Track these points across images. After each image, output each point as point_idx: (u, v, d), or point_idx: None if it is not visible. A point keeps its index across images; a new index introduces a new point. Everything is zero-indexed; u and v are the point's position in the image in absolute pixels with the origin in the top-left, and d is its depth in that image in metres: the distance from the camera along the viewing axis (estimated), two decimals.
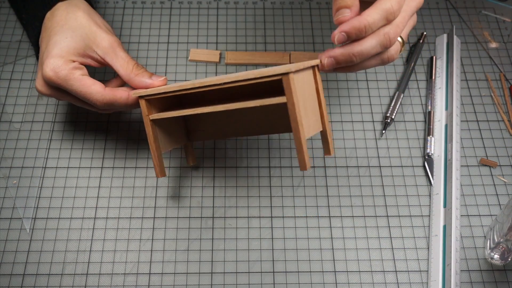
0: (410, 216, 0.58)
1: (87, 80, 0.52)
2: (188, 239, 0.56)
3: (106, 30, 0.56)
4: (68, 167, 0.60)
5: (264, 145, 0.62)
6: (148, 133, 0.52)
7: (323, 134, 0.50)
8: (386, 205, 0.58)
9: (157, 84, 0.53)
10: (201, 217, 0.57)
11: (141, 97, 0.52)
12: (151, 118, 0.52)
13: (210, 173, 0.60)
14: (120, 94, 0.53)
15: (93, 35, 0.54)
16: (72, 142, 0.61)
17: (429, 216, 0.58)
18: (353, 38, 0.47)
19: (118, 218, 0.57)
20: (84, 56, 0.54)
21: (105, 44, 0.54)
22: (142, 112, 0.52)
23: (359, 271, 0.54)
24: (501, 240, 0.52)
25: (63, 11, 0.56)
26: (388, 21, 0.47)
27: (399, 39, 0.50)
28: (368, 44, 0.47)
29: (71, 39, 0.53)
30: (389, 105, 0.64)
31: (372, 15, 0.46)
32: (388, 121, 0.63)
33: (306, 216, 0.57)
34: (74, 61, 0.53)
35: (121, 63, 0.54)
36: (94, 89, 0.52)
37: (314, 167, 0.60)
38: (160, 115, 0.52)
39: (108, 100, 0.52)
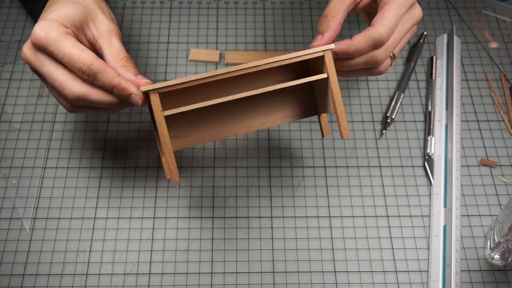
0: (410, 216, 0.58)
1: (79, 44, 0.49)
2: (188, 239, 0.56)
3: (109, 17, 0.54)
4: (68, 167, 0.60)
5: (264, 145, 0.62)
6: (161, 132, 0.47)
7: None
8: (386, 205, 0.58)
9: (141, 84, 0.50)
10: (201, 217, 0.57)
11: (152, 91, 0.46)
12: (165, 114, 0.47)
13: (210, 173, 0.60)
14: (110, 69, 0.48)
15: (94, 15, 0.52)
16: (72, 142, 0.61)
17: (429, 216, 0.58)
18: (340, 57, 0.50)
19: (118, 218, 0.57)
20: (79, 29, 0.52)
21: (103, 28, 0.52)
22: (154, 108, 0.46)
23: (359, 271, 0.54)
24: (502, 240, 0.52)
25: None
26: (376, 47, 0.50)
27: (394, 52, 0.52)
28: (354, 62, 0.51)
29: (70, 9, 0.51)
30: (389, 105, 0.64)
31: (360, 42, 0.49)
32: (388, 121, 0.63)
33: (306, 216, 0.57)
34: (67, 28, 0.50)
35: (112, 49, 0.52)
36: (85, 52, 0.48)
37: (314, 167, 0.60)
38: (177, 110, 0.47)
39: (96, 68, 0.48)
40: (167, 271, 0.54)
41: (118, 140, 0.62)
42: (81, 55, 0.48)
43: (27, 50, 0.50)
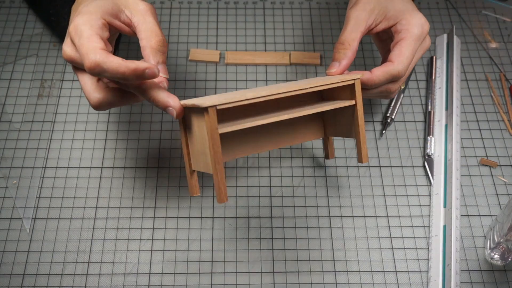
0: (410, 216, 0.58)
1: (95, 37, 0.46)
2: (188, 239, 0.56)
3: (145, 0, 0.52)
4: (68, 167, 0.60)
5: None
6: (215, 151, 0.44)
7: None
8: (386, 205, 0.58)
9: (158, 75, 0.47)
10: (201, 217, 0.57)
11: (211, 107, 0.43)
12: (221, 132, 0.44)
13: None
14: (113, 58, 0.45)
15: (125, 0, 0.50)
16: (72, 142, 0.61)
17: (429, 216, 0.58)
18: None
19: (118, 218, 0.57)
20: (113, 16, 0.49)
21: (138, 7, 0.50)
22: (209, 125, 0.43)
23: (359, 271, 0.54)
24: (501, 240, 0.52)
25: None
26: (392, 82, 0.53)
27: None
28: (371, 92, 0.53)
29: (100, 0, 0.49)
30: (389, 105, 0.64)
31: (379, 77, 0.51)
32: (388, 121, 0.63)
33: (306, 216, 0.57)
34: (103, 20, 0.48)
35: (146, 27, 0.49)
36: (93, 44, 0.46)
37: (314, 167, 0.60)
38: (233, 127, 0.45)
39: (99, 59, 0.44)
40: (167, 271, 0.54)
41: (118, 141, 0.62)
42: (89, 48, 0.45)
43: (67, 47, 0.48)
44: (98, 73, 0.45)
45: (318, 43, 0.70)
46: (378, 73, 0.51)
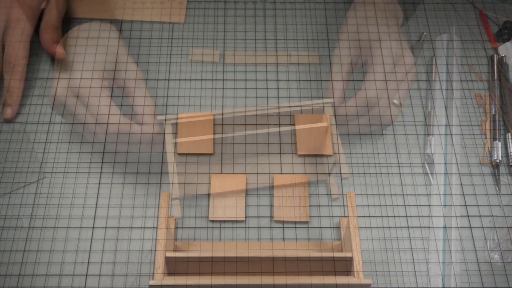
0: (410, 216, 0.57)
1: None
2: (188, 238, 0.56)
3: (135, 62, 0.58)
4: (67, 162, 0.60)
5: (264, 140, 0.62)
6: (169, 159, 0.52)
7: None
8: (386, 205, 0.58)
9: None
10: (201, 217, 0.57)
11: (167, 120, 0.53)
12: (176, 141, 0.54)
13: (209, 170, 0.60)
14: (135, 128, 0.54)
15: (123, 63, 0.57)
16: (71, 143, 0.61)
17: (429, 216, 0.58)
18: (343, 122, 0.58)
19: (119, 217, 0.57)
20: (110, 76, 0.56)
21: (132, 75, 0.56)
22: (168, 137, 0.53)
23: (359, 272, 0.54)
24: (502, 240, 0.52)
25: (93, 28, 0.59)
26: (370, 107, 0.56)
27: (396, 101, 0.57)
28: (362, 124, 0.58)
29: (100, 57, 0.56)
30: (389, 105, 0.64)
31: (353, 104, 0.56)
32: None
33: (306, 216, 0.57)
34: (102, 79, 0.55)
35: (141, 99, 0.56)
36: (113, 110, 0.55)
37: (316, 166, 0.60)
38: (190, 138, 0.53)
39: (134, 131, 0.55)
40: (167, 271, 0.54)
41: (120, 136, 0.62)
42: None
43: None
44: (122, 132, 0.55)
45: (318, 43, 0.70)
46: (351, 102, 0.56)
